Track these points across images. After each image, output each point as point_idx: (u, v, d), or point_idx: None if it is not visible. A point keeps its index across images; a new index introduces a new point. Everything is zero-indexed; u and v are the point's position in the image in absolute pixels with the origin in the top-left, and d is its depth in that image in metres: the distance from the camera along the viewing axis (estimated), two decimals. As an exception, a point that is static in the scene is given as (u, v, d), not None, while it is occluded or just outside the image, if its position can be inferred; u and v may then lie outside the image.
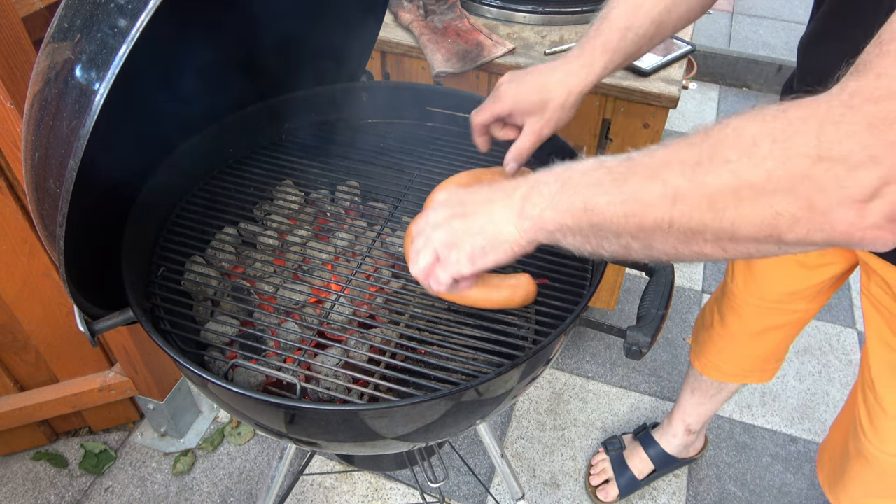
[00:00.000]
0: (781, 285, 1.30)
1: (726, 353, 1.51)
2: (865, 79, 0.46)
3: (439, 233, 0.74)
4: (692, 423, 1.79)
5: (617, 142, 1.58)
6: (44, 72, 0.72)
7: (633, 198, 0.58)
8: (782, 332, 1.42)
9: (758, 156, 0.50)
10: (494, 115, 0.98)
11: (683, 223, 0.55)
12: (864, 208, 0.46)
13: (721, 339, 1.49)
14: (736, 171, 0.52)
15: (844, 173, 0.46)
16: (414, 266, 0.77)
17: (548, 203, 0.65)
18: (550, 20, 1.67)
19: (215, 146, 1.17)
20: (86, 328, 0.86)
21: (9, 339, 1.65)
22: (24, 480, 1.86)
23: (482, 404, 0.88)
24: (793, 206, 0.49)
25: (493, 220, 0.70)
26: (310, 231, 1.12)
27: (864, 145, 0.45)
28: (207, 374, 0.79)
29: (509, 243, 0.70)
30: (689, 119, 3.43)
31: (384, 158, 1.22)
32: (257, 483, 1.87)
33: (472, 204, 0.73)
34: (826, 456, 1.40)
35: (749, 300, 1.36)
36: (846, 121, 0.46)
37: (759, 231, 0.52)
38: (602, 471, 1.87)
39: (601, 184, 0.61)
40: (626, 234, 0.60)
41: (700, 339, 1.57)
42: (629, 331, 0.86)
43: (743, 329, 1.43)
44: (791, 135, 0.49)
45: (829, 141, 0.47)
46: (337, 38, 1.24)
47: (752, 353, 1.48)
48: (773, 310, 1.35)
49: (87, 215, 0.79)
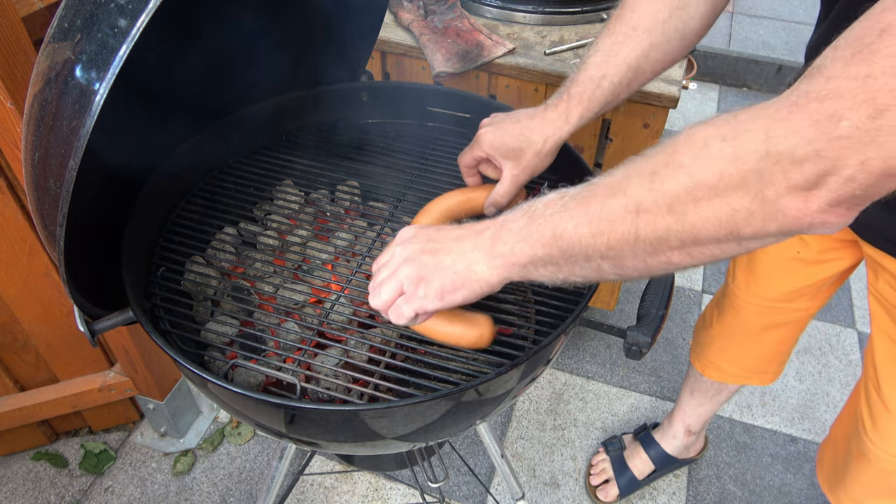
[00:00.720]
0: (783, 284, 1.31)
1: (727, 352, 1.51)
2: (816, 81, 0.49)
3: (407, 267, 0.74)
4: (692, 424, 1.79)
5: (617, 142, 1.58)
6: (44, 72, 0.72)
7: (598, 217, 0.60)
8: (783, 332, 1.42)
9: (709, 156, 0.53)
10: (475, 158, 1.00)
11: (649, 233, 0.57)
12: (809, 196, 0.50)
13: (721, 338, 1.49)
14: (690, 173, 0.54)
15: (790, 166, 0.49)
16: (375, 298, 0.76)
17: (517, 238, 0.67)
18: (550, 20, 1.67)
19: (215, 146, 1.16)
20: (86, 328, 0.86)
21: (9, 339, 1.65)
22: (24, 480, 1.86)
23: (482, 404, 0.88)
24: (745, 200, 0.52)
25: (464, 258, 0.71)
26: (310, 231, 1.12)
27: (808, 140, 0.48)
28: (207, 374, 0.79)
29: (479, 281, 0.71)
30: (689, 119, 3.43)
31: (384, 158, 1.22)
32: (257, 483, 1.87)
33: (442, 241, 0.74)
34: (826, 456, 1.40)
35: (750, 300, 1.36)
36: (793, 118, 0.49)
37: (719, 230, 0.54)
38: (602, 471, 1.88)
39: (566, 209, 0.63)
40: (595, 256, 0.62)
41: (700, 339, 1.57)
42: (629, 331, 0.86)
43: (743, 328, 1.43)
44: (740, 133, 0.52)
45: (777, 137, 0.50)
46: (337, 38, 1.24)
47: (753, 352, 1.48)
48: (773, 309, 1.35)
49: (87, 215, 0.79)
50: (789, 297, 1.33)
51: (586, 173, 1.08)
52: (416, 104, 1.26)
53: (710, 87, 3.68)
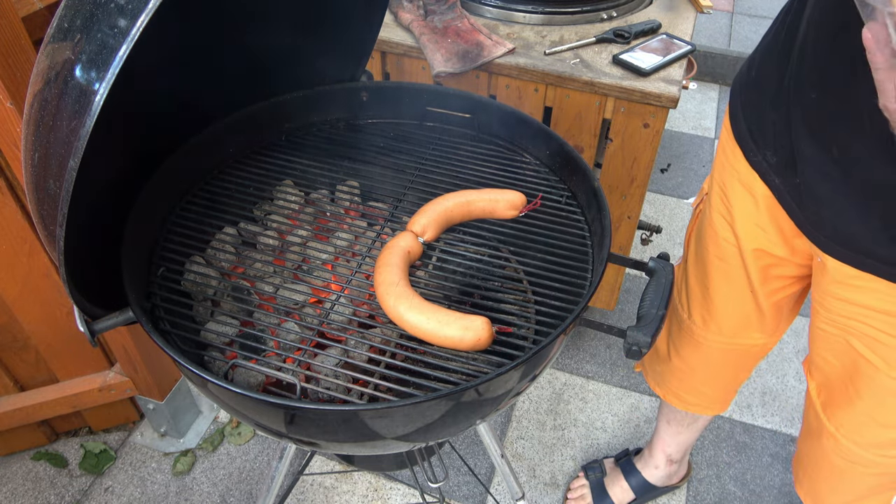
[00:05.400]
0: (739, 319, 1.29)
1: (686, 384, 1.48)
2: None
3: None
4: (673, 454, 1.75)
5: (617, 142, 1.58)
6: (44, 72, 0.72)
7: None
8: (742, 364, 1.40)
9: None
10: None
11: None
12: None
13: (680, 371, 1.46)
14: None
15: None
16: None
17: None
18: (550, 20, 1.67)
19: (215, 146, 1.17)
20: (86, 328, 0.86)
21: (9, 339, 1.65)
22: (24, 480, 1.86)
23: (482, 404, 0.88)
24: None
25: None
26: (310, 231, 1.12)
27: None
28: (207, 374, 0.79)
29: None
30: (689, 119, 3.43)
31: (384, 158, 1.22)
32: (257, 483, 1.87)
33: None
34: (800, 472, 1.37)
35: (708, 336, 1.34)
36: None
37: None
38: (580, 496, 1.83)
39: None
40: None
41: (658, 369, 1.54)
42: (629, 331, 0.86)
43: (703, 363, 1.41)
44: None
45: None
46: (337, 38, 1.25)
47: (712, 385, 1.46)
48: (732, 344, 1.34)
49: (87, 215, 0.79)
50: (746, 334, 1.31)
51: (586, 173, 1.08)
52: (416, 104, 1.26)
53: (710, 87, 3.68)
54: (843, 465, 1.18)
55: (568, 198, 1.12)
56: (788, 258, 1.14)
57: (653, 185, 2.98)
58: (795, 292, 1.24)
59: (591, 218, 1.07)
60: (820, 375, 1.17)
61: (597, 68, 1.51)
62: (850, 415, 1.12)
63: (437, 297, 0.99)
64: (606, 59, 1.55)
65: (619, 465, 1.87)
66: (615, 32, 1.61)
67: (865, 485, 1.20)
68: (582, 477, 1.88)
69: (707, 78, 3.71)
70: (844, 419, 1.13)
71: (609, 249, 0.96)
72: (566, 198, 1.12)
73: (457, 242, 1.07)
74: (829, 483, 1.25)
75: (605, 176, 1.65)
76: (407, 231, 1.01)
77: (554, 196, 1.12)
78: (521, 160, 1.20)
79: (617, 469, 1.86)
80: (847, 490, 1.23)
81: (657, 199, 2.93)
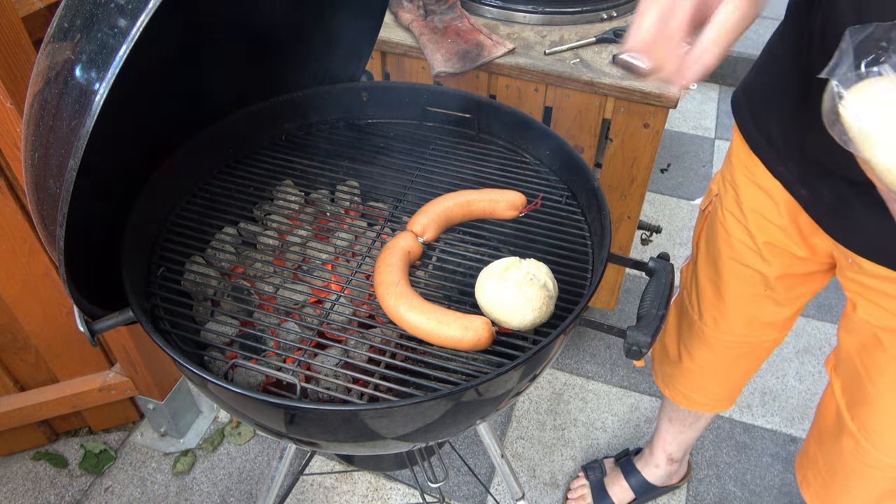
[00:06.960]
0: (752, 319, 1.29)
1: (695, 384, 1.49)
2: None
3: None
4: (674, 453, 1.75)
5: (617, 142, 1.58)
6: (44, 72, 0.72)
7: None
8: (752, 361, 1.41)
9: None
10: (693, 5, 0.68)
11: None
12: None
13: (691, 372, 1.46)
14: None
15: None
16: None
17: None
18: (550, 20, 1.67)
19: (215, 146, 1.17)
20: (86, 328, 0.86)
21: (9, 339, 1.65)
22: (24, 480, 1.86)
23: (482, 404, 0.88)
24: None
25: None
26: (310, 231, 1.12)
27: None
28: (207, 374, 0.79)
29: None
30: (689, 119, 3.43)
31: (384, 158, 1.22)
32: (257, 483, 1.87)
33: None
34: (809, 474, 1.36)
35: (720, 336, 1.34)
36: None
37: None
38: (580, 497, 1.83)
39: None
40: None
41: (668, 370, 1.54)
42: (629, 331, 0.86)
43: (714, 363, 1.41)
44: None
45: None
46: (337, 38, 1.25)
47: (722, 383, 1.47)
48: (744, 343, 1.34)
49: (87, 215, 0.79)
50: (758, 331, 1.32)
51: (586, 173, 1.08)
52: (416, 104, 1.26)
53: (710, 87, 3.68)
54: (859, 468, 1.17)
55: (568, 198, 1.12)
56: (808, 257, 1.14)
57: (653, 185, 2.98)
58: (813, 289, 1.24)
59: (591, 218, 1.07)
60: (846, 373, 1.17)
61: (597, 68, 1.51)
62: (874, 415, 1.12)
63: (437, 297, 0.99)
64: (606, 59, 1.55)
65: (619, 464, 1.87)
66: (615, 32, 1.61)
67: (879, 489, 1.19)
68: (582, 477, 1.88)
69: (707, 78, 3.70)
70: (867, 420, 1.13)
71: (609, 249, 0.96)
72: (566, 198, 1.12)
73: (457, 242, 1.07)
74: (842, 486, 1.24)
75: (605, 176, 1.65)
76: (407, 231, 1.01)
77: (554, 196, 1.12)
78: (521, 160, 1.20)
79: (617, 469, 1.86)
80: (860, 494, 1.22)
81: (657, 199, 2.93)
